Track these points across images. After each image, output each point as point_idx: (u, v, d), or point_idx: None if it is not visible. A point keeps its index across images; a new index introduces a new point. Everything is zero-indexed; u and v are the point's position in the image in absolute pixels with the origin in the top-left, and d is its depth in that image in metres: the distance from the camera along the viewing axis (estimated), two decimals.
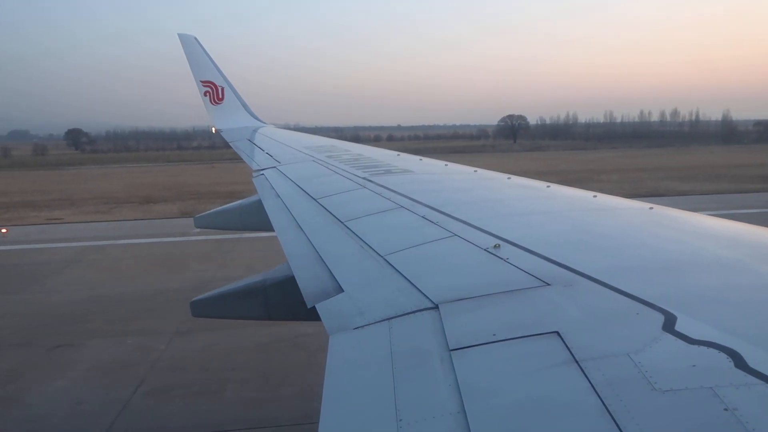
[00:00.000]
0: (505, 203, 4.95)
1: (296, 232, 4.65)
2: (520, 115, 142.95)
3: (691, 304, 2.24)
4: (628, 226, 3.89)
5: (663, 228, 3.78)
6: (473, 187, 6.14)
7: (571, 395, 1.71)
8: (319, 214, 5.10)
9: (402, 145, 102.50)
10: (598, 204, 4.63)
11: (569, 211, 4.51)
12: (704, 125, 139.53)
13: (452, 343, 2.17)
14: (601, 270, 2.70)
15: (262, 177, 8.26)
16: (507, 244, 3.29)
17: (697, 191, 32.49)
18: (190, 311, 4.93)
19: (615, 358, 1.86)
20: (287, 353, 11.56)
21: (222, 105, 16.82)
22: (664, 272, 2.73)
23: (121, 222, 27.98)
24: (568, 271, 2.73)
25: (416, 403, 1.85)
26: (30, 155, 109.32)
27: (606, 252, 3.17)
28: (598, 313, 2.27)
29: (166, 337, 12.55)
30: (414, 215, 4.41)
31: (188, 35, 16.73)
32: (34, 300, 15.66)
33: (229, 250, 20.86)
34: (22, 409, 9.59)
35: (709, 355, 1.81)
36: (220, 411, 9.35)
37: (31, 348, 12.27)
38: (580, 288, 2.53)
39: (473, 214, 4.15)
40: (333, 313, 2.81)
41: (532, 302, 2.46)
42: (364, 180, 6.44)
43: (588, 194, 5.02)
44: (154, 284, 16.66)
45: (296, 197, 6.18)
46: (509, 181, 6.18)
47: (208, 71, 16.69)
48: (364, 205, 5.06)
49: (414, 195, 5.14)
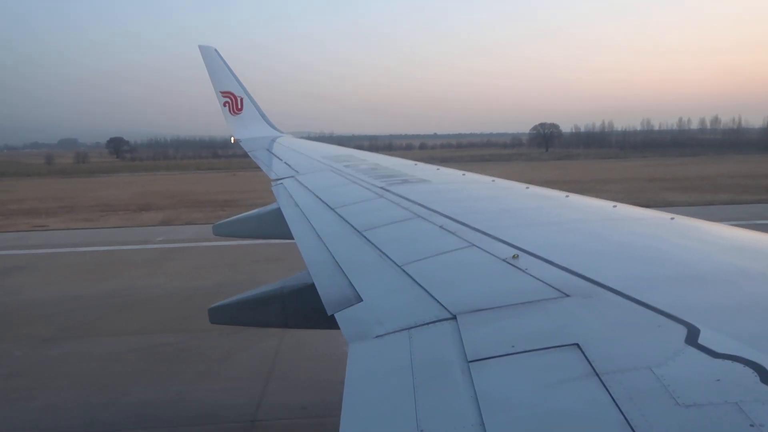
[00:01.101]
0: (524, 213, 4.92)
1: (315, 240, 4.68)
2: (552, 124, 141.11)
3: (714, 317, 2.20)
4: (648, 236, 3.84)
5: (684, 238, 3.73)
6: (491, 196, 6.11)
7: (592, 409, 1.68)
8: (337, 224, 5.12)
9: (427, 154, 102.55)
10: (617, 214, 4.59)
11: (588, 221, 4.46)
12: (746, 133, 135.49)
13: (470, 355, 2.15)
14: (621, 281, 2.66)
15: (281, 186, 8.32)
16: (526, 255, 3.26)
17: (685, 203, 31.69)
18: (209, 318, 4.99)
19: (636, 372, 1.83)
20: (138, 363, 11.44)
21: (241, 115, 17.00)
22: (686, 284, 2.68)
23: (96, 230, 28.24)
24: (588, 282, 2.70)
25: (437, 414, 1.83)
26: (71, 163, 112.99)
27: (626, 262, 3.13)
28: (619, 325, 2.24)
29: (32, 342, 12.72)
30: (431, 225, 4.40)
31: (208, 47, 16.96)
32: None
33: (171, 258, 20.89)
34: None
35: (733, 369, 1.78)
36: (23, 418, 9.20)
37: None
38: (601, 299, 2.50)
39: (491, 224, 4.13)
40: (351, 322, 2.82)
41: (552, 314, 2.43)
42: (381, 189, 6.44)
43: (608, 204, 4.98)
44: (70, 291, 16.79)
45: (314, 206, 6.21)
46: (527, 191, 6.15)
47: (227, 82, 16.90)
48: (381, 215, 5.06)
49: (431, 205, 5.13)
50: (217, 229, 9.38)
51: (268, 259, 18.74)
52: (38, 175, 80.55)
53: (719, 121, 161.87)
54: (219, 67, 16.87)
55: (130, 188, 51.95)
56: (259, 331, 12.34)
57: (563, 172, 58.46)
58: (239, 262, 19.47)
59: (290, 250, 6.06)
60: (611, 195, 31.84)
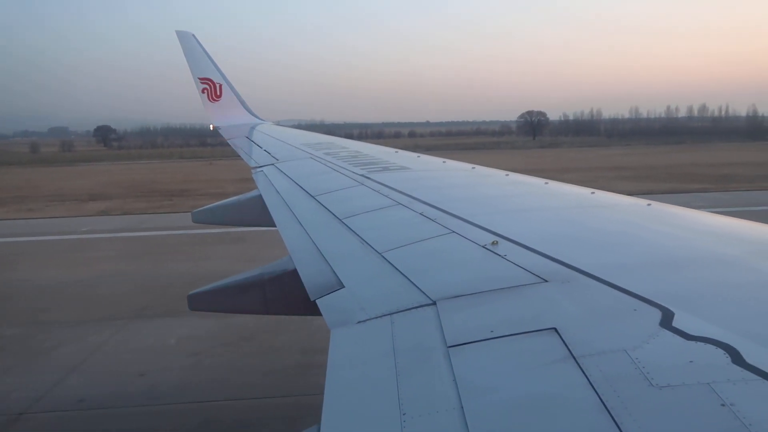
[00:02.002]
0: (503, 200, 4.95)
1: (297, 228, 4.67)
2: (539, 111, 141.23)
3: (688, 300, 2.24)
4: (625, 222, 3.89)
5: (661, 224, 3.78)
6: (471, 183, 6.14)
7: (569, 392, 1.71)
8: (317, 211, 5.10)
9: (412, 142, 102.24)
10: (595, 200, 4.64)
11: (567, 207, 4.51)
12: (733, 121, 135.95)
13: (450, 340, 2.17)
14: (598, 266, 2.70)
15: (261, 173, 8.26)
16: (505, 241, 3.29)
17: (625, 191, 31.58)
18: (188, 304, 4.96)
19: (613, 354, 1.87)
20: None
21: (220, 102, 16.78)
22: (661, 268, 2.73)
23: (28, 220, 27.53)
24: (566, 268, 2.73)
25: (418, 397, 1.85)
26: (56, 152, 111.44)
27: (603, 248, 3.17)
28: (596, 309, 2.27)
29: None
30: (412, 212, 4.41)
31: (186, 32, 16.69)
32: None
33: (78, 249, 20.49)
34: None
35: (706, 351, 1.81)
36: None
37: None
38: (578, 284, 2.53)
39: (471, 211, 4.15)
40: (332, 309, 2.83)
41: (530, 299, 2.46)
42: (361, 177, 6.43)
43: (586, 191, 5.03)
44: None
45: (294, 194, 6.18)
46: (507, 177, 6.18)
47: (205, 68, 16.66)
48: (361, 203, 5.06)
49: (412, 192, 5.14)
50: (196, 217, 9.33)
51: (160, 251, 18.73)
52: (19, 164, 78.56)
53: (707, 109, 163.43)
54: (197, 52, 16.62)
55: (98, 178, 50.96)
56: (98, 322, 12.22)
57: (534, 160, 58.19)
58: (137, 253, 19.13)
59: (187, 241, 5.88)
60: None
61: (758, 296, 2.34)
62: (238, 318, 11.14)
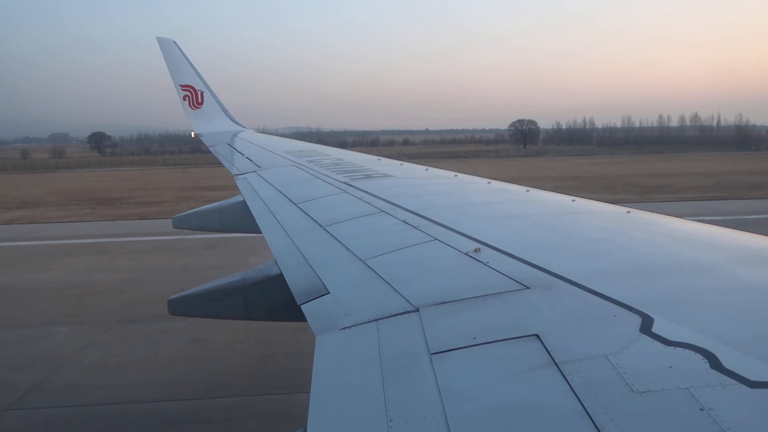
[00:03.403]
0: (485, 207, 4.98)
1: (281, 234, 4.65)
2: (530, 120, 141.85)
3: (667, 307, 2.27)
4: (605, 229, 3.93)
5: (640, 231, 3.83)
6: (453, 191, 6.17)
7: (551, 398, 1.72)
8: (300, 219, 5.08)
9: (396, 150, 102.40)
10: (576, 208, 4.68)
11: (548, 214, 4.55)
12: (724, 131, 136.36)
13: (433, 347, 2.17)
14: (579, 273, 2.73)
15: (244, 181, 8.23)
16: (487, 248, 3.30)
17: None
18: (168, 309, 4.91)
19: (593, 360, 1.88)
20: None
21: (201, 109, 16.69)
22: (641, 275, 2.76)
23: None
24: (548, 275, 2.76)
25: (405, 403, 1.86)
26: (46, 158, 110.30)
27: (584, 255, 3.20)
28: (577, 315, 2.29)
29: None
30: (394, 219, 4.42)
31: (167, 39, 16.59)
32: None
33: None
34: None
35: (685, 356, 1.84)
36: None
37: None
38: (559, 291, 2.55)
39: (453, 218, 4.17)
40: (317, 315, 2.83)
41: (512, 305, 2.47)
42: (344, 185, 6.43)
43: (567, 198, 5.08)
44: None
45: (278, 201, 6.16)
46: (489, 185, 6.22)
47: (187, 75, 16.56)
48: (344, 210, 5.05)
49: (394, 199, 5.15)
50: (176, 222, 9.29)
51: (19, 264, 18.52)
52: (2, 170, 77.14)
53: (699, 119, 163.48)
54: (178, 59, 16.53)
55: (54, 185, 50.12)
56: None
57: (504, 169, 57.83)
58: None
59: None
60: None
61: (735, 302, 2.38)
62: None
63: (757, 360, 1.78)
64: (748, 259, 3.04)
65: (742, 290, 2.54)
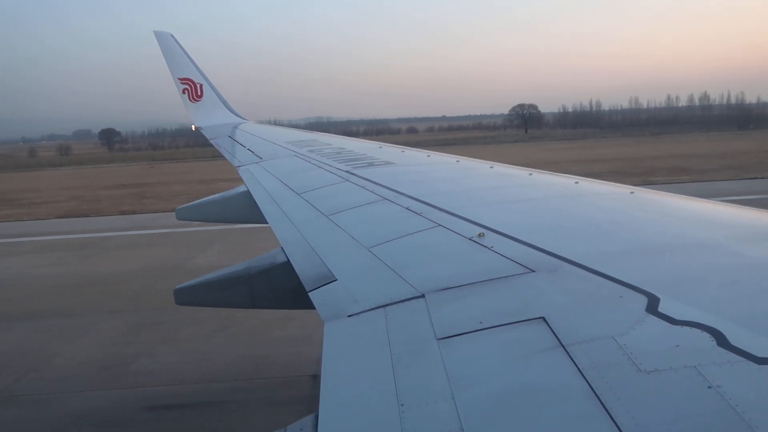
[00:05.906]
0: (488, 192, 4.97)
1: (286, 224, 4.68)
2: (530, 104, 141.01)
3: (673, 286, 2.27)
4: (610, 210, 3.92)
5: (644, 211, 3.83)
6: (456, 177, 6.15)
7: (558, 379, 1.73)
8: (304, 209, 5.09)
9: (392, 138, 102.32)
10: (579, 189, 4.67)
11: (551, 197, 4.54)
12: (732, 109, 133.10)
13: (439, 333, 2.18)
14: (584, 255, 2.72)
15: (247, 172, 8.24)
16: (491, 233, 3.30)
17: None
18: (174, 299, 4.93)
19: (600, 342, 1.88)
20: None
21: (201, 102, 16.64)
22: (646, 255, 2.76)
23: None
24: (552, 257, 2.75)
25: (415, 388, 1.87)
26: (55, 155, 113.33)
27: (589, 237, 3.20)
28: (583, 297, 2.29)
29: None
30: (397, 207, 4.41)
31: (164, 32, 16.51)
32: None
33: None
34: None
35: (692, 335, 1.84)
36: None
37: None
38: (565, 273, 2.55)
39: (457, 204, 4.17)
40: (325, 303, 2.84)
41: (518, 289, 2.47)
42: (346, 173, 6.42)
43: (570, 180, 5.06)
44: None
45: (281, 192, 6.16)
46: (491, 170, 6.20)
47: (185, 68, 16.50)
48: (347, 199, 5.05)
49: (397, 187, 5.14)
50: (179, 213, 9.32)
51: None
52: (6, 168, 77.20)
53: (708, 98, 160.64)
54: (176, 53, 16.46)
55: (41, 182, 50.40)
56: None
57: (485, 155, 57.39)
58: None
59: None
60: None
61: (741, 280, 2.37)
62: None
63: (764, 337, 1.78)
64: (753, 237, 3.03)
65: (748, 267, 2.53)
